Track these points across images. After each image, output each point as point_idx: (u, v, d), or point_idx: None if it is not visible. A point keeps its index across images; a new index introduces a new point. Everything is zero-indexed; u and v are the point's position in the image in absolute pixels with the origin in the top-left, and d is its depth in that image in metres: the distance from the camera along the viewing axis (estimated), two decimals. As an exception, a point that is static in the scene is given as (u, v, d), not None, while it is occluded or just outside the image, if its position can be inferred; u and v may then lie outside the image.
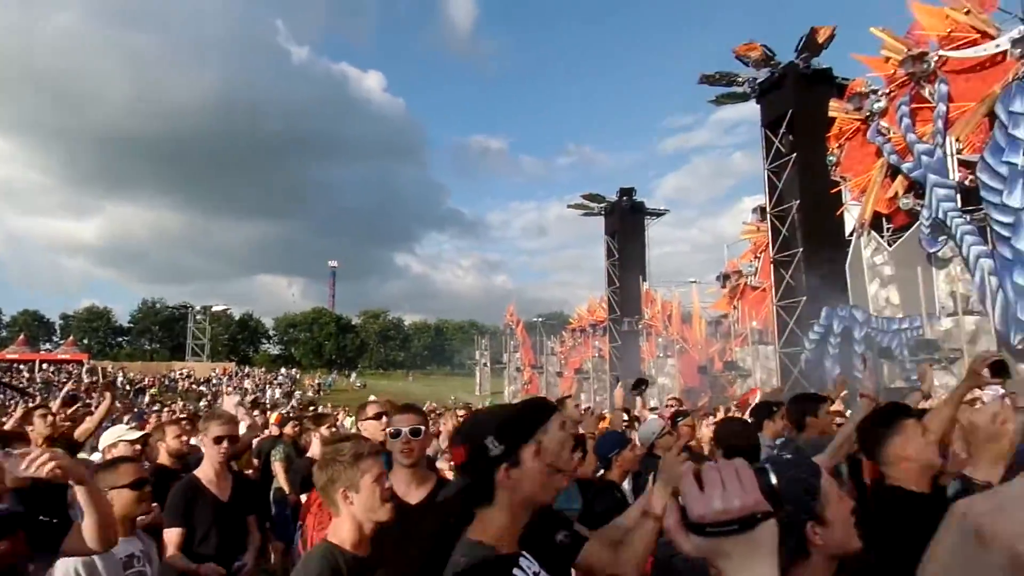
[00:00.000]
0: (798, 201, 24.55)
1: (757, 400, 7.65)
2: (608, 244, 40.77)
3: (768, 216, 26.10)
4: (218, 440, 3.59)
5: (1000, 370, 3.07)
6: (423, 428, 2.91)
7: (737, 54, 25.90)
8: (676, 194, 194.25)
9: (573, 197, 48.78)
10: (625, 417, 6.20)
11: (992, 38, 18.35)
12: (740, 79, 26.65)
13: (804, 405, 4.40)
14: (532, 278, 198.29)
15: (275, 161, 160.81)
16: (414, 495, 2.78)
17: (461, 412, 11.21)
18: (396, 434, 2.86)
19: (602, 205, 40.79)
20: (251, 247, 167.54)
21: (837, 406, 6.07)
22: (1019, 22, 17.52)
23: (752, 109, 27.26)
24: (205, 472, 3.64)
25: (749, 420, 4.63)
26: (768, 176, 26.06)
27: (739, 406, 9.95)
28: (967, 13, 18.86)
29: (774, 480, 0.86)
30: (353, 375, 72.57)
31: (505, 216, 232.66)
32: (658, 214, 41.36)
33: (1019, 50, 17.48)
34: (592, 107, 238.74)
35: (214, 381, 52.64)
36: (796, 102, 24.50)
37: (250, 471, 6.72)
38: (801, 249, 24.36)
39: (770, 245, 25.92)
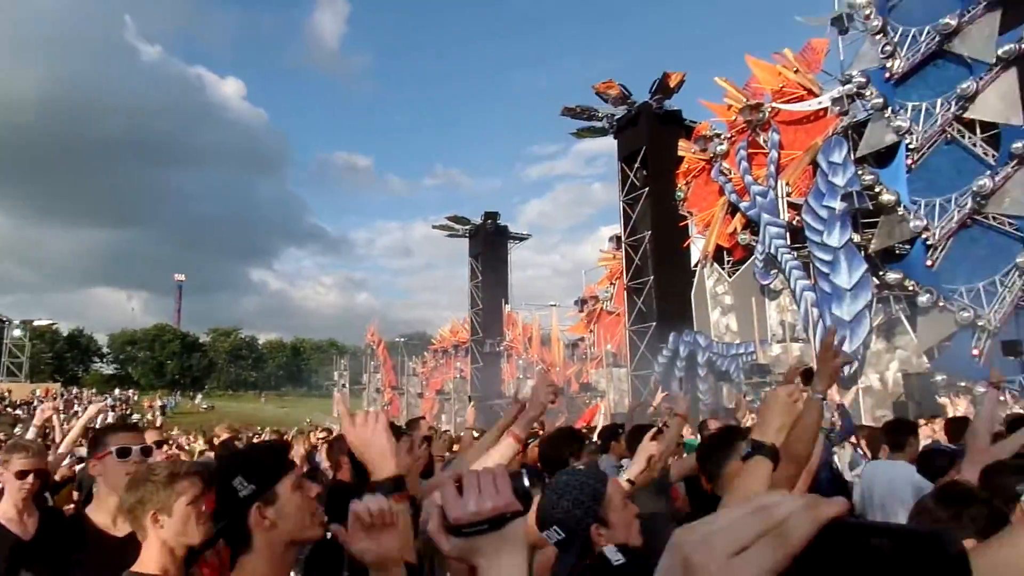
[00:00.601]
0: (650, 232, 26.06)
1: (599, 417, 7.99)
2: (472, 266, 41.16)
3: (623, 245, 27.50)
4: (22, 475, 3.21)
5: (809, 377, 3.46)
6: (152, 449, 2.77)
7: (597, 91, 27.26)
8: (539, 219, 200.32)
9: (439, 218, 48.91)
10: (476, 435, 6.23)
11: (816, 95, 20.56)
12: (600, 114, 28.04)
13: (640, 432, 4.58)
14: (396, 297, 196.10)
15: (114, 164, 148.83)
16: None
17: (320, 434, 10.80)
18: (124, 453, 2.66)
19: (467, 227, 41.19)
20: (85, 256, 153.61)
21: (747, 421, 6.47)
22: (838, 83, 19.76)
23: (610, 143, 28.76)
24: (4, 510, 3.24)
25: (595, 440, 4.80)
26: (623, 207, 27.50)
27: (585, 421, 10.34)
28: (796, 72, 21.04)
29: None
30: (199, 396, 67.86)
31: (370, 234, 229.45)
32: (521, 238, 42.39)
33: (838, 108, 19.70)
34: (460, 131, 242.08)
35: (34, 404, 47.22)
36: (649, 139, 26.11)
37: (71, 505, 6.05)
38: (652, 277, 25.82)
39: (624, 272, 27.29)
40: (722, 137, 23.51)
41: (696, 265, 24.81)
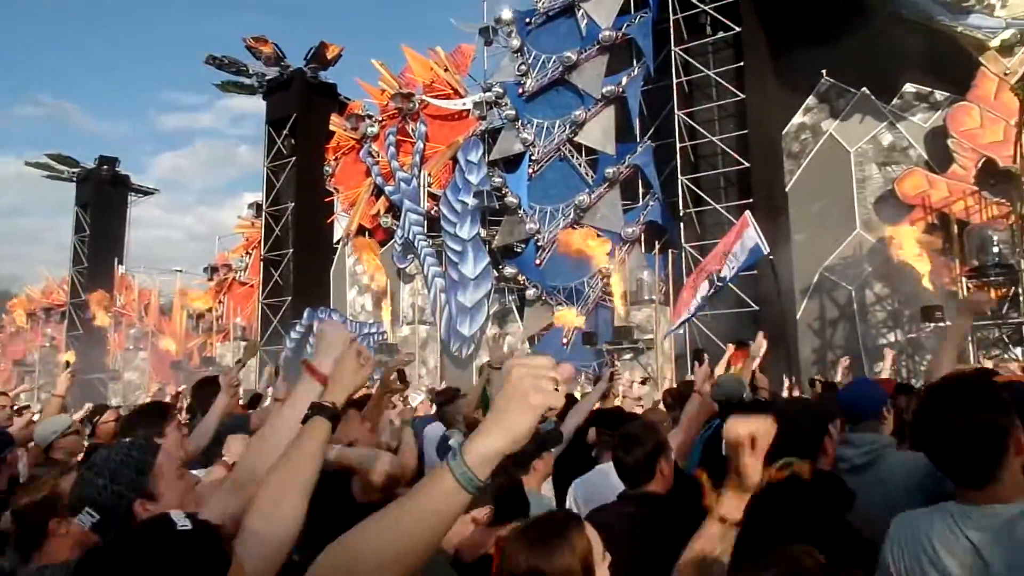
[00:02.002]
0: (293, 204, 25.20)
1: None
2: (79, 216, 34.97)
3: (264, 213, 26.10)
4: None
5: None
6: None
7: (248, 45, 25.36)
8: (173, 175, 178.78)
9: (38, 155, 40.47)
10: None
11: (461, 96, 22.08)
12: (249, 71, 26.13)
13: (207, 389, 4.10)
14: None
15: None
16: None
17: None
18: None
19: (75, 170, 34.85)
20: None
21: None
22: (480, 89, 21.50)
23: (260, 105, 27.02)
24: None
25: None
26: (268, 173, 26.10)
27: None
28: (446, 70, 22.31)
29: None
30: None
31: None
32: (147, 192, 37.42)
33: (478, 112, 21.43)
34: (79, 59, 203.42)
35: None
36: (301, 108, 25.20)
37: None
38: (292, 250, 25.01)
39: (262, 242, 25.94)
40: (373, 119, 23.82)
41: (338, 242, 24.76)
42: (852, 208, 16.15)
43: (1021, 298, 13.13)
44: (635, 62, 18.49)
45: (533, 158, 20.07)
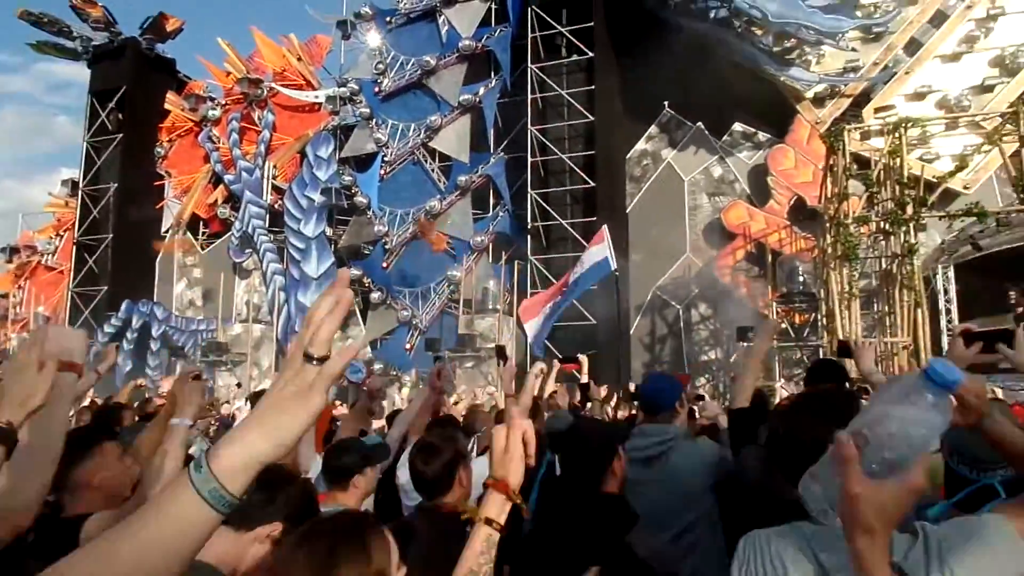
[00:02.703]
0: (116, 184, 22.89)
1: None
2: None
3: (80, 192, 23.49)
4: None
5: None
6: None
7: (74, 4, 22.80)
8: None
9: None
10: None
11: (314, 88, 21.22)
12: (73, 33, 23.49)
13: None
14: None
15: None
16: None
17: None
18: None
19: None
20: None
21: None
22: (335, 84, 20.78)
23: (84, 73, 24.35)
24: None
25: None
26: (88, 149, 23.55)
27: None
28: (299, 59, 21.36)
29: None
30: None
31: None
32: (-67, 157, 32.45)
33: (331, 106, 20.68)
34: None
35: None
36: (132, 80, 23.01)
37: None
38: (111, 235, 22.68)
39: (76, 224, 23.32)
40: (216, 102, 22.28)
41: (167, 231, 22.83)
42: (684, 233, 17.33)
43: (820, 323, 14.67)
44: (493, 74, 18.72)
45: (386, 159, 19.68)
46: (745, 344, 15.40)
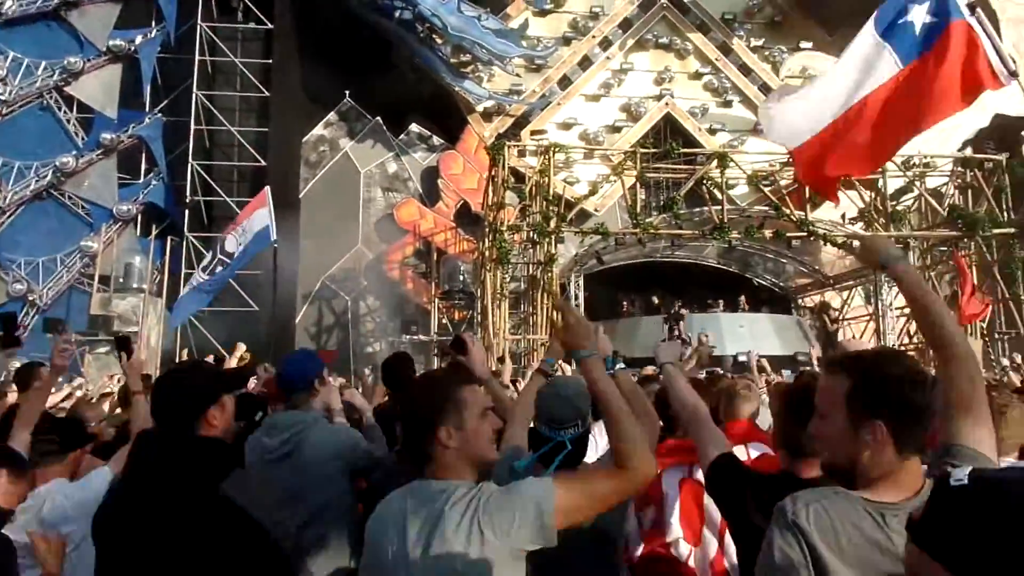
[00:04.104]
0: None
1: None
2: None
3: None
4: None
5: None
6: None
7: None
8: None
9: None
10: None
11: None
12: None
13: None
14: None
15: None
16: None
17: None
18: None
19: None
20: None
21: None
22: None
23: None
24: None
25: None
26: None
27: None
28: None
29: None
30: None
31: None
32: None
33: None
34: None
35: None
36: None
37: None
38: None
39: None
40: None
41: None
42: (357, 224, 17.39)
43: (476, 320, 15.89)
44: (155, 23, 16.58)
45: (3, 98, 16.13)
46: (408, 337, 16.05)
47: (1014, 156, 14.41)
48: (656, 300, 16.36)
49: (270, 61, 16.03)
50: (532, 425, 2.05)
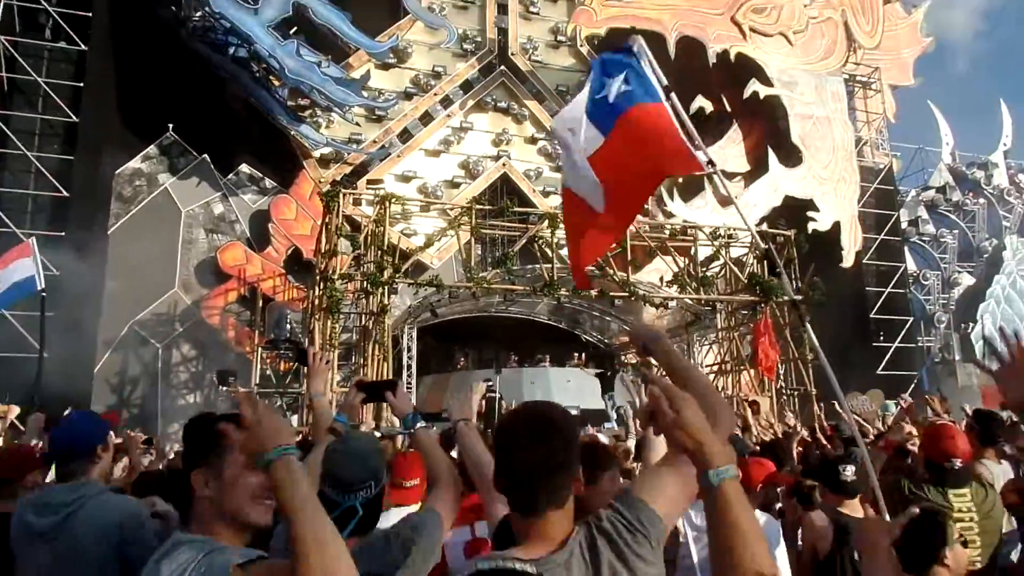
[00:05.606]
0: None
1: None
2: None
3: None
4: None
5: None
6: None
7: None
8: None
9: None
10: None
11: None
12: None
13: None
14: None
15: None
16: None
17: None
18: None
19: None
20: None
21: None
22: None
23: None
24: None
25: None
26: None
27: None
28: None
29: None
30: None
31: None
32: None
33: None
34: None
35: None
36: None
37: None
38: None
39: None
40: None
41: None
42: (174, 266, 16.11)
43: (302, 372, 15.07)
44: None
45: None
46: (226, 388, 14.88)
47: (801, 232, 16.44)
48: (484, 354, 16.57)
49: (81, 85, 14.64)
50: (319, 488, 1.87)
